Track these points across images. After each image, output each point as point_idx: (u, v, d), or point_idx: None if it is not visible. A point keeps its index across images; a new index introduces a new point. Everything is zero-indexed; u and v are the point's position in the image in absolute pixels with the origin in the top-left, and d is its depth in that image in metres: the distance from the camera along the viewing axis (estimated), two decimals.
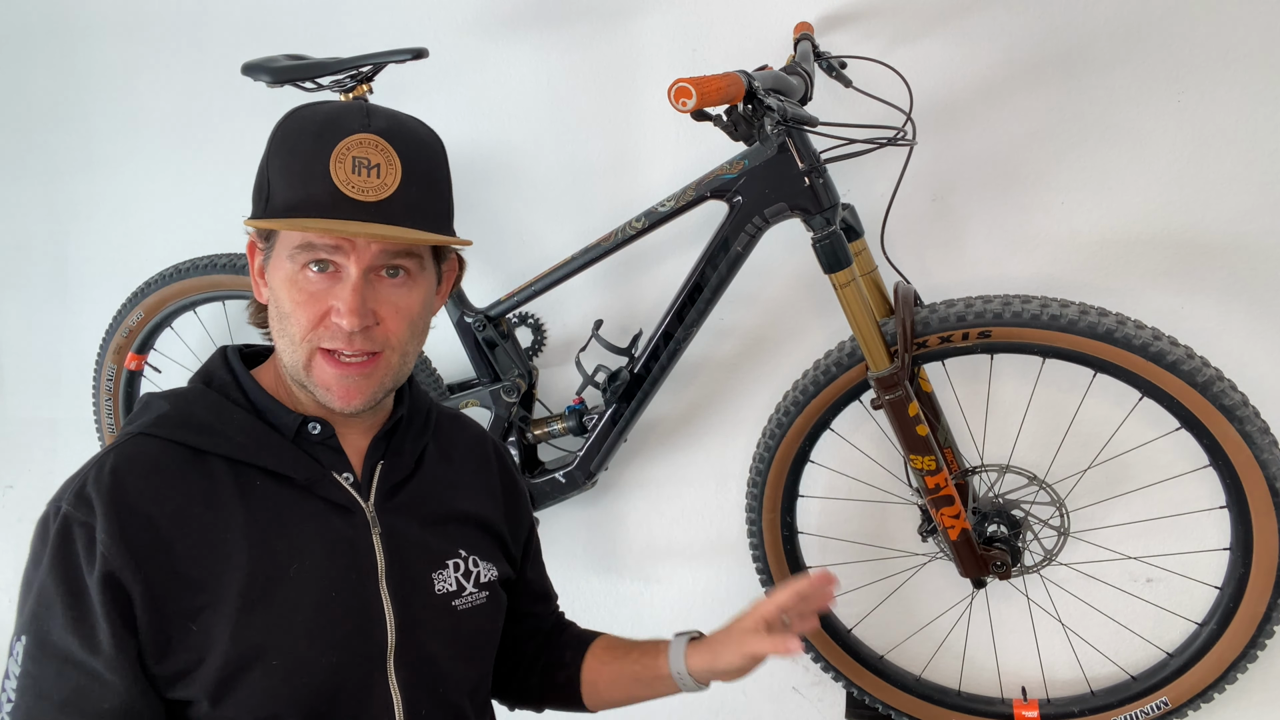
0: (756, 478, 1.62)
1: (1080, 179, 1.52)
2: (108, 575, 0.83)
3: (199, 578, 0.86)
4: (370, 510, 0.97)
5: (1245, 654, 1.41)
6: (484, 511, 1.10)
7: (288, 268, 0.90)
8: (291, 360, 0.92)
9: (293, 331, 0.91)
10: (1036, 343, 1.36)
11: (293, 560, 0.91)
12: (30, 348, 2.45)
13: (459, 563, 1.03)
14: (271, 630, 0.88)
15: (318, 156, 0.88)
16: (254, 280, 0.98)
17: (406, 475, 1.03)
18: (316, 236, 0.88)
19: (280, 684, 0.88)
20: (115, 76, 2.22)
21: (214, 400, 0.95)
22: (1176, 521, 1.54)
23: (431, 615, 0.99)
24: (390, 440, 1.03)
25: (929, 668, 1.69)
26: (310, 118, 0.91)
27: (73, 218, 2.34)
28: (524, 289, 1.66)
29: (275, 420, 0.95)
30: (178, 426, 0.92)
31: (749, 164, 1.42)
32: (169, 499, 0.88)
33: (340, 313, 0.88)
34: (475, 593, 1.04)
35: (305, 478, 0.94)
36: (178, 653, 0.85)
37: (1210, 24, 1.43)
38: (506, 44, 1.84)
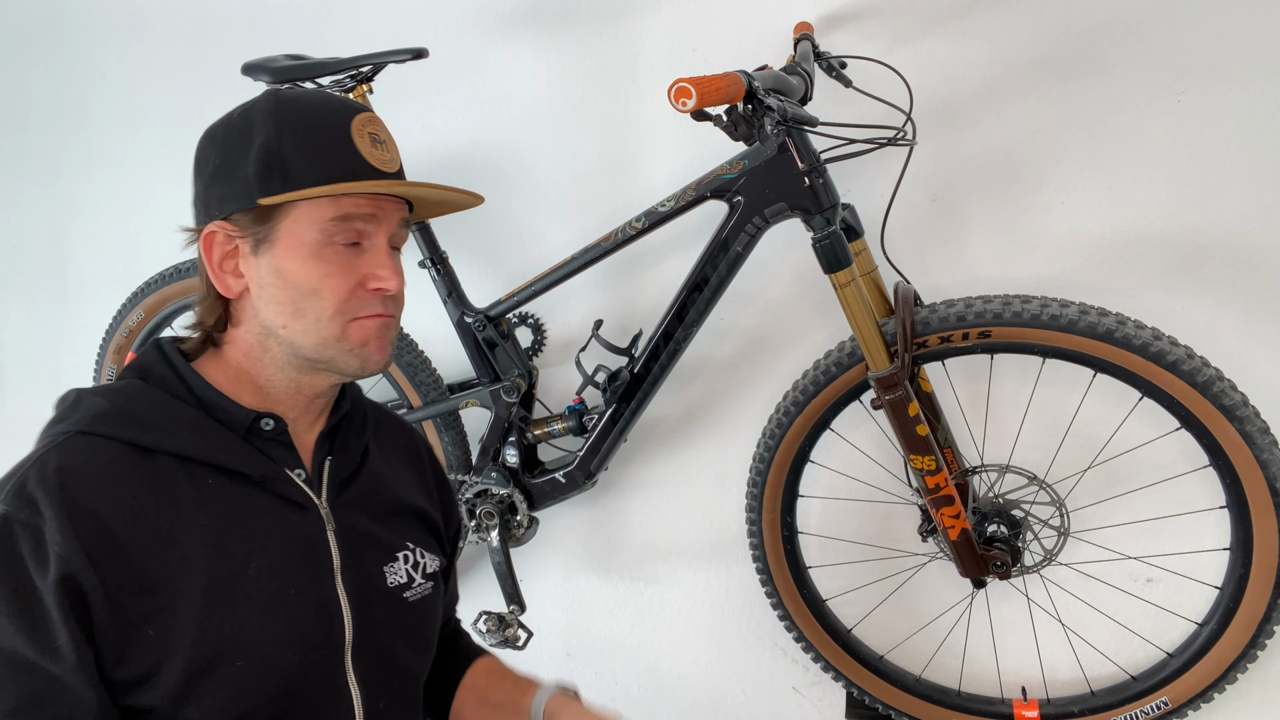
0: (756, 478, 1.62)
1: (1080, 179, 1.52)
2: (66, 579, 0.79)
3: (156, 579, 0.83)
4: (324, 506, 0.97)
5: (1245, 654, 1.41)
6: (423, 505, 1.11)
7: (314, 241, 0.90)
8: (319, 338, 0.92)
9: (322, 307, 0.91)
10: (1036, 343, 1.36)
11: (251, 559, 0.89)
12: (30, 348, 2.45)
13: (408, 554, 1.04)
14: (234, 630, 0.86)
15: (338, 132, 0.92)
16: (215, 274, 0.93)
17: (353, 470, 1.03)
18: (354, 206, 0.90)
19: (244, 684, 0.86)
20: (115, 76, 2.22)
21: (156, 396, 0.91)
22: (1176, 521, 1.54)
23: (386, 608, 0.99)
24: (335, 436, 1.03)
25: (929, 668, 1.69)
26: (307, 100, 0.94)
27: (73, 218, 2.34)
28: (524, 289, 1.66)
29: (224, 416, 0.93)
30: (121, 424, 0.87)
31: (749, 164, 1.42)
32: (120, 499, 0.83)
33: (383, 278, 0.93)
34: (423, 583, 1.05)
35: (260, 474, 0.92)
36: (134, 659, 0.82)
37: (1210, 24, 1.43)
38: (506, 44, 1.84)
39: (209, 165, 0.93)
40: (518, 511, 1.73)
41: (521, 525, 1.74)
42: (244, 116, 0.93)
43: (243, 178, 0.90)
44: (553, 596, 1.97)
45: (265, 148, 0.90)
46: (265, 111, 0.92)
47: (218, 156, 0.92)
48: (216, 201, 0.92)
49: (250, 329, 0.95)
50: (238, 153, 0.91)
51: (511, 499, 1.72)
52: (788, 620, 1.67)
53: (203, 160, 0.94)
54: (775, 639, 1.82)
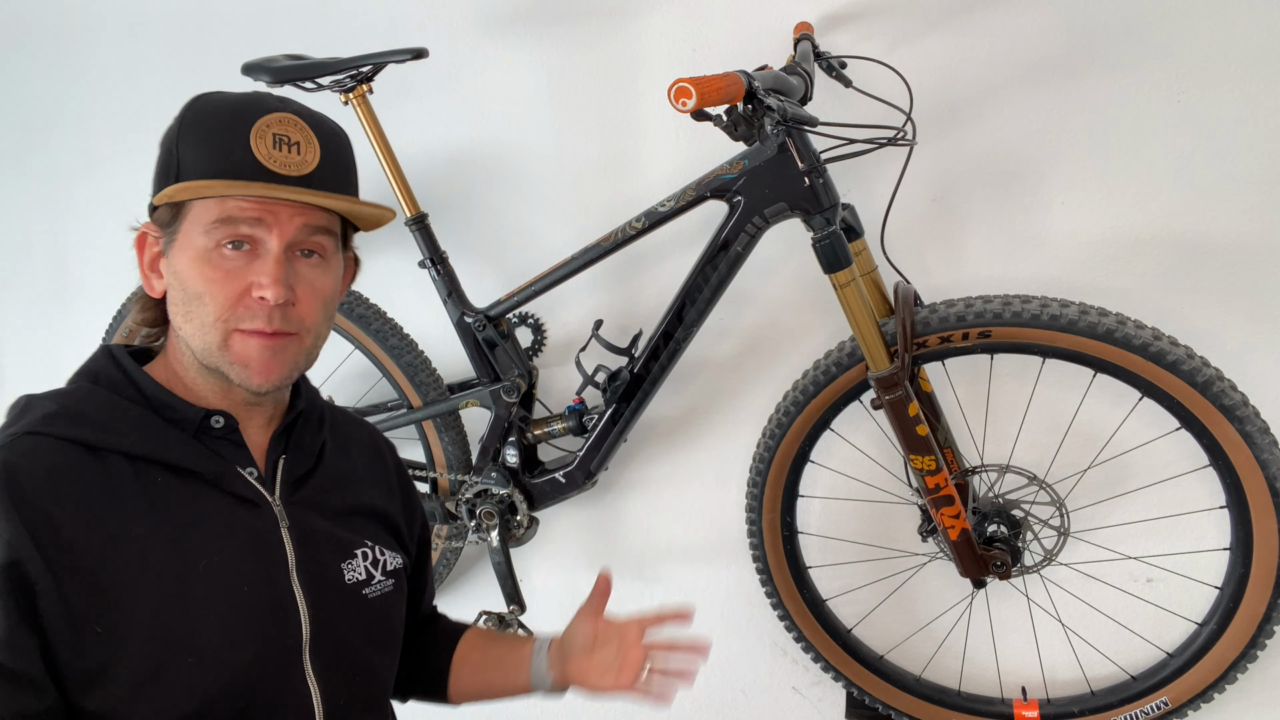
0: (756, 478, 1.62)
1: (1080, 179, 1.52)
2: (11, 565, 0.78)
3: (104, 578, 0.82)
4: (277, 504, 0.96)
5: (1245, 654, 1.41)
6: (382, 504, 1.10)
7: (200, 245, 0.88)
8: (203, 344, 0.90)
9: (205, 313, 0.89)
10: (1036, 343, 1.37)
11: (202, 557, 0.89)
12: (30, 348, 2.45)
13: (367, 552, 1.04)
14: (185, 628, 0.85)
15: (236, 131, 0.88)
16: (143, 274, 0.95)
17: (308, 469, 1.02)
18: (237, 209, 0.87)
19: (197, 682, 0.85)
20: (115, 76, 2.22)
21: (104, 397, 0.91)
22: (1176, 521, 1.54)
23: (344, 605, 0.99)
24: (290, 435, 1.02)
25: (929, 668, 1.69)
26: (223, 100, 0.93)
27: (73, 218, 2.34)
28: (524, 289, 1.66)
29: (174, 415, 0.92)
30: (69, 424, 0.87)
31: (749, 164, 1.42)
32: (67, 497, 0.83)
33: (263, 285, 0.88)
34: (383, 580, 1.04)
35: (211, 472, 0.92)
36: (85, 654, 0.81)
37: (1210, 24, 1.43)
38: (506, 44, 1.84)
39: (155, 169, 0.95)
40: (518, 511, 1.73)
41: (521, 525, 1.74)
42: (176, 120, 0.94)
43: (159, 178, 0.93)
44: (553, 596, 1.97)
45: (166, 147, 0.92)
46: (184, 109, 0.94)
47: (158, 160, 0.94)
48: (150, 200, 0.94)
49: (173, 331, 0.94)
50: (165, 153, 0.94)
51: (511, 499, 1.72)
52: (788, 620, 1.67)
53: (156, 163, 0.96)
54: (775, 639, 1.82)
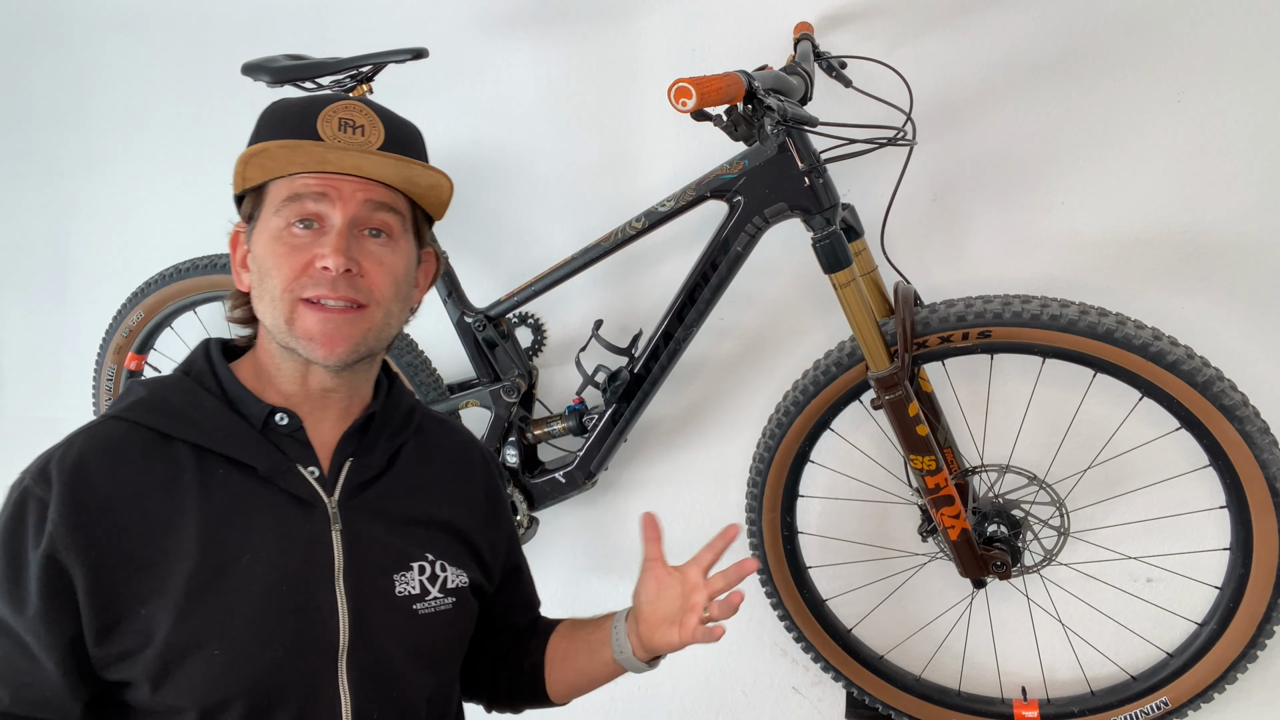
0: (756, 478, 1.62)
1: (1080, 179, 1.52)
2: (49, 556, 0.84)
3: (149, 563, 0.87)
4: (333, 506, 0.96)
5: (1245, 654, 1.41)
6: (457, 519, 1.07)
7: (273, 225, 0.92)
8: (274, 319, 0.92)
9: (274, 286, 0.91)
10: (1036, 343, 1.36)
11: (244, 551, 0.90)
12: (30, 348, 2.45)
13: (425, 566, 1.00)
14: (214, 619, 0.87)
15: (304, 119, 0.92)
16: (236, 272, 0.99)
17: (376, 474, 1.01)
18: (303, 185, 0.91)
19: (220, 673, 0.86)
20: (115, 76, 2.22)
21: (189, 387, 0.95)
22: (1176, 521, 1.54)
23: (389, 617, 0.97)
24: (363, 437, 1.01)
25: (929, 668, 1.69)
26: (296, 98, 0.97)
27: (73, 218, 2.34)
28: (524, 289, 1.66)
29: (245, 410, 0.95)
30: (149, 411, 0.92)
31: (749, 164, 1.42)
32: (128, 482, 0.88)
33: (324, 255, 0.90)
34: (440, 598, 1.01)
35: (267, 469, 0.93)
36: (124, 634, 0.85)
37: (1210, 24, 1.43)
38: (506, 44, 1.84)
39: None
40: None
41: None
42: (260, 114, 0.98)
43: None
44: (553, 596, 1.97)
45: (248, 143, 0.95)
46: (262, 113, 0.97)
47: None
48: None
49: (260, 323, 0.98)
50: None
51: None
52: (788, 620, 1.67)
53: None
54: (775, 639, 1.82)
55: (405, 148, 0.97)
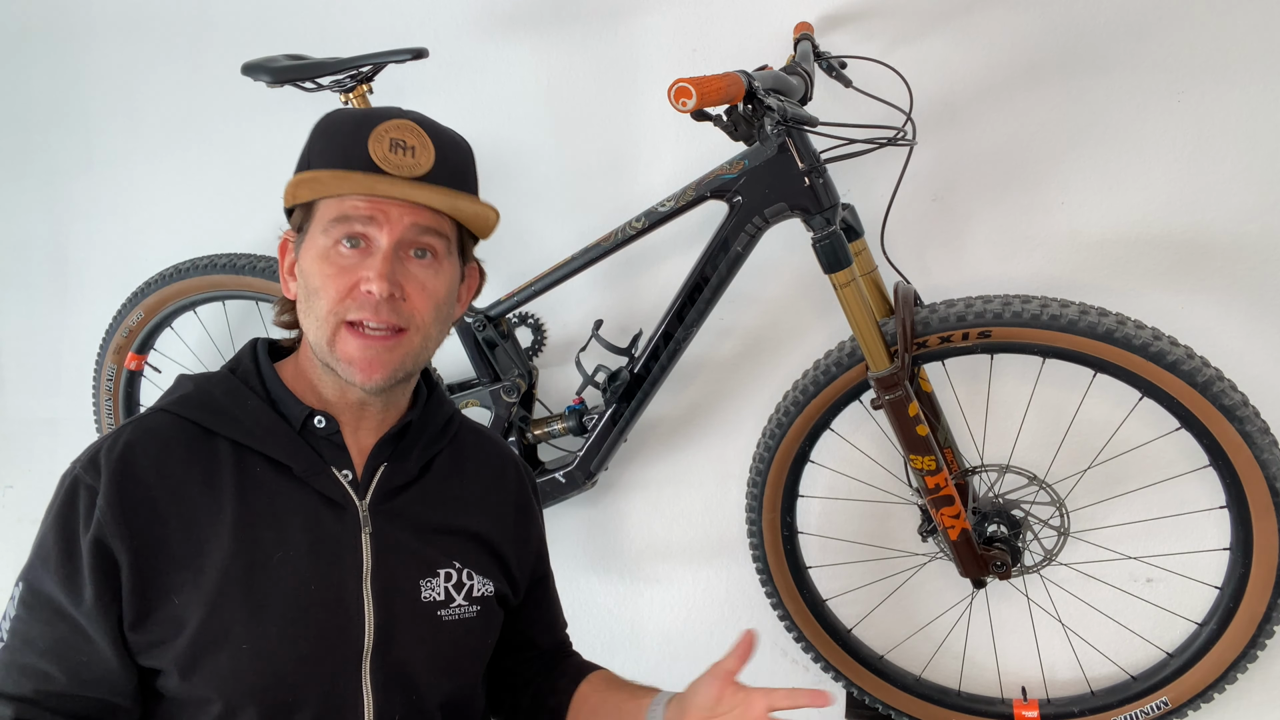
0: (756, 478, 1.62)
1: (1080, 179, 1.52)
2: (98, 541, 0.87)
3: (185, 554, 0.89)
4: (364, 510, 0.97)
5: (1245, 654, 1.41)
6: (486, 530, 1.07)
7: (321, 243, 0.93)
8: (317, 337, 0.94)
9: (319, 306, 0.93)
10: (1036, 343, 1.36)
11: (277, 549, 0.92)
12: (30, 348, 2.45)
13: (451, 573, 1.02)
14: (243, 614, 0.89)
15: (356, 137, 0.92)
16: (284, 279, 1.01)
17: (409, 480, 1.02)
18: (352, 208, 0.91)
19: (245, 668, 0.89)
20: (115, 76, 2.22)
21: (234, 385, 0.98)
22: (1176, 521, 1.54)
23: (413, 621, 0.98)
24: (399, 443, 1.02)
25: (929, 668, 1.69)
26: (351, 111, 0.97)
27: (73, 218, 2.34)
28: (524, 289, 1.66)
29: (285, 410, 0.98)
30: (195, 407, 0.96)
31: (749, 164, 1.42)
32: (171, 475, 0.91)
33: (369, 279, 0.91)
34: (465, 605, 1.02)
35: (303, 469, 0.96)
36: (158, 623, 0.88)
37: (1210, 24, 1.43)
38: (506, 44, 1.84)
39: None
40: None
41: None
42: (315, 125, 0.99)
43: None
44: None
45: (301, 156, 0.97)
46: (317, 124, 0.98)
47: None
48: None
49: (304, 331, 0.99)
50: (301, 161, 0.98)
51: None
52: (788, 620, 1.67)
53: None
54: (775, 639, 1.82)
55: (455, 170, 0.97)
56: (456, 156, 0.98)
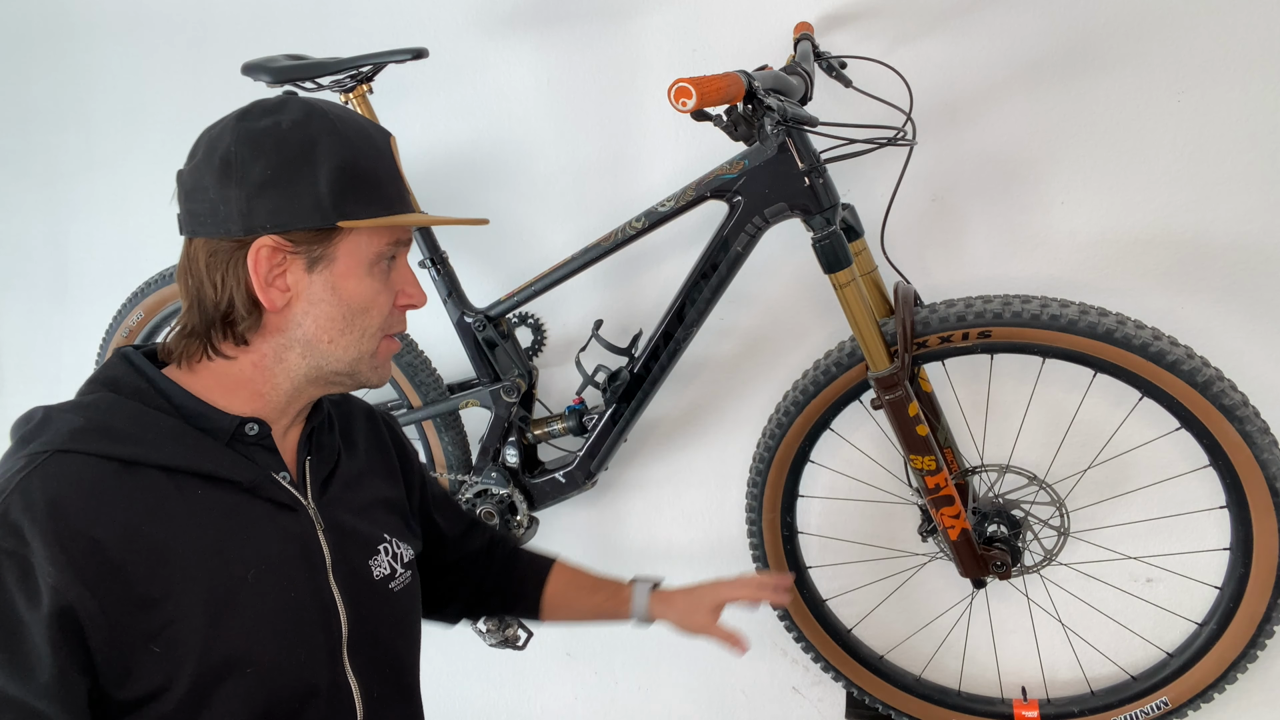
0: (756, 478, 1.62)
1: (1080, 179, 1.52)
2: (62, 611, 0.76)
3: (156, 596, 0.81)
4: (311, 506, 0.98)
5: (1245, 654, 1.41)
6: (390, 492, 1.13)
7: (369, 262, 0.93)
8: (357, 352, 0.95)
9: (369, 323, 0.95)
10: (1036, 343, 1.37)
11: (250, 566, 0.89)
12: (30, 348, 2.45)
13: (386, 546, 1.06)
14: (241, 638, 0.86)
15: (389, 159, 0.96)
16: (262, 287, 0.89)
17: (331, 469, 1.04)
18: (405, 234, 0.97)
19: (255, 690, 0.86)
20: (115, 76, 2.22)
21: (133, 409, 0.88)
22: (1176, 521, 1.54)
23: (375, 601, 1.01)
24: (313, 437, 1.03)
25: (929, 668, 1.69)
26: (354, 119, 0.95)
27: (73, 218, 2.34)
28: (524, 289, 1.66)
29: (206, 424, 0.91)
30: (100, 439, 0.84)
31: (749, 164, 1.42)
32: (111, 518, 0.81)
33: (413, 295, 0.99)
34: (403, 573, 1.07)
35: (249, 480, 0.91)
36: (142, 676, 0.80)
37: (1210, 24, 1.43)
38: (506, 44, 1.84)
39: (252, 173, 0.87)
40: (518, 511, 1.73)
41: (521, 525, 1.74)
42: (300, 129, 0.89)
43: (313, 195, 0.88)
44: None
45: (341, 169, 0.89)
46: (326, 130, 0.90)
47: (267, 167, 0.88)
48: (267, 213, 0.87)
49: (276, 341, 0.92)
50: (299, 168, 0.88)
51: (511, 499, 1.72)
52: (788, 620, 1.67)
53: (240, 165, 0.88)
54: (775, 639, 1.82)
55: None
56: None
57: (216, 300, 0.90)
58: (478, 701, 2.07)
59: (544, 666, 2.02)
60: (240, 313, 0.91)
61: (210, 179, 0.89)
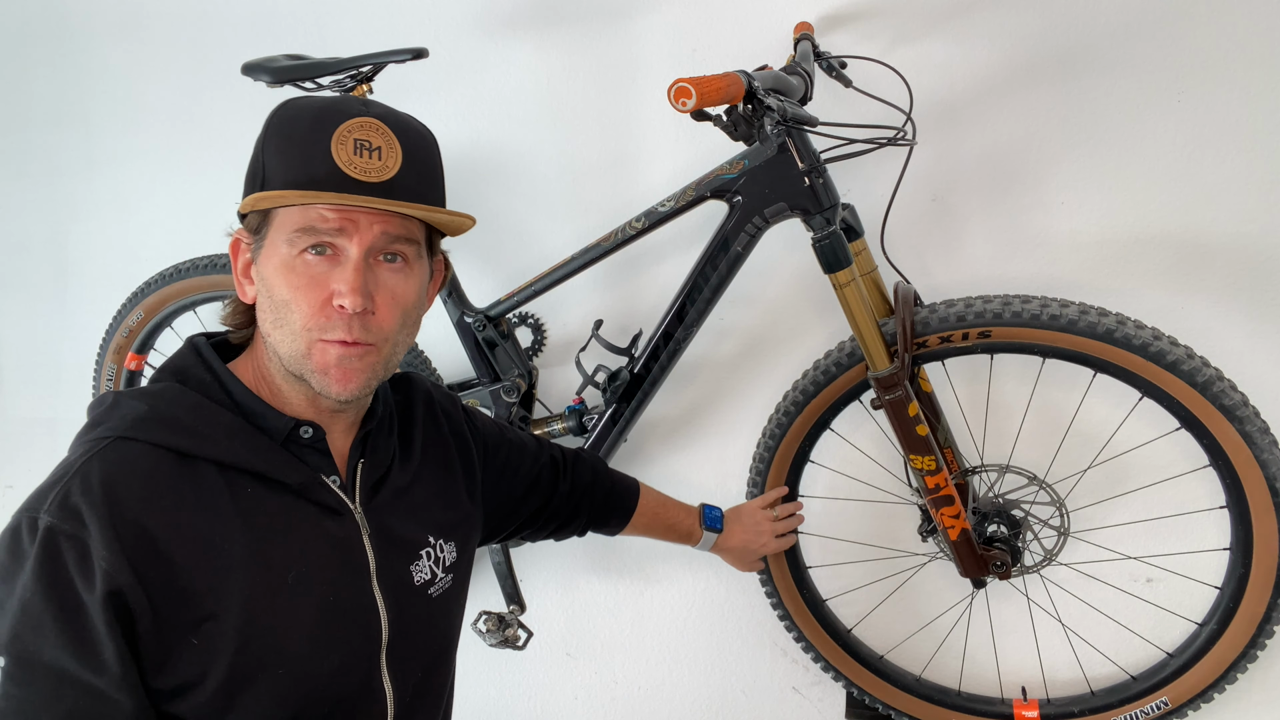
0: (756, 478, 1.62)
1: (1080, 179, 1.52)
2: (113, 594, 0.78)
3: (200, 590, 0.83)
4: (359, 511, 0.98)
5: (1245, 654, 1.41)
6: (445, 485, 1.12)
7: (284, 252, 0.88)
8: (290, 350, 0.89)
9: (294, 320, 0.88)
10: (1036, 343, 1.36)
11: (290, 567, 0.89)
12: (30, 348, 2.45)
13: (429, 551, 1.05)
14: (275, 639, 0.87)
15: (318, 138, 0.87)
16: (237, 280, 0.95)
17: (383, 473, 1.03)
18: (319, 219, 0.86)
19: (287, 692, 0.87)
20: (115, 76, 2.22)
21: (195, 401, 0.89)
22: (1176, 521, 1.54)
23: (416, 606, 1.01)
24: (368, 440, 1.02)
25: (929, 668, 1.69)
26: (307, 105, 0.91)
27: (73, 218, 2.34)
28: (524, 289, 1.66)
29: (263, 423, 0.92)
30: (161, 429, 0.86)
31: (749, 164, 1.42)
32: (164, 508, 0.83)
33: (342, 293, 0.87)
34: (444, 577, 1.07)
35: (298, 482, 0.92)
36: (179, 667, 0.82)
37: (1210, 24, 1.43)
38: (506, 44, 1.84)
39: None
40: None
41: None
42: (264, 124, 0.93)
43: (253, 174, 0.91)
44: (553, 596, 1.97)
45: (255, 154, 0.91)
46: (272, 114, 0.92)
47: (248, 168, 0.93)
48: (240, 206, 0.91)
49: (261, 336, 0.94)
50: (254, 159, 0.92)
51: None
52: (788, 620, 1.67)
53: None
54: (775, 639, 1.82)
55: (423, 169, 0.93)
56: (424, 153, 0.93)
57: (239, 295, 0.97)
58: (478, 701, 2.07)
59: (544, 666, 2.02)
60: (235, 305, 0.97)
61: None
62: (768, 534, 1.56)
